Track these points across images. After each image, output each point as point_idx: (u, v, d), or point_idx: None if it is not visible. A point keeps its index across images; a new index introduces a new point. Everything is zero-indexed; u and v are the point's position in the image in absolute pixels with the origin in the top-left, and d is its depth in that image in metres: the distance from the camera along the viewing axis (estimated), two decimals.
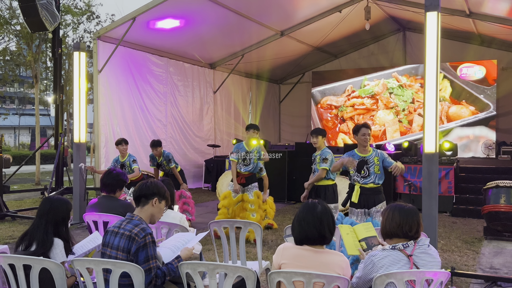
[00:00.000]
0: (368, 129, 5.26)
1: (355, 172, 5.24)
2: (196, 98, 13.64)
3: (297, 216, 2.71)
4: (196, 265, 2.71)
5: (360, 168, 5.23)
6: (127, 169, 7.78)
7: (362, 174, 5.22)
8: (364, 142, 5.23)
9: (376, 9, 12.82)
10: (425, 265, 2.66)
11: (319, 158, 6.28)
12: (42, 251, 3.00)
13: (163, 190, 3.11)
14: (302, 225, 2.65)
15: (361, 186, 5.19)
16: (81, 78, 8.14)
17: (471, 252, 6.34)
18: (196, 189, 12.97)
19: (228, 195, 7.05)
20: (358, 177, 5.23)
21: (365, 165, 5.22)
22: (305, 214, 2.68)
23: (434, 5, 4.85)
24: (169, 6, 10.00)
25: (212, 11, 10.77)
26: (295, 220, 2.72)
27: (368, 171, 5.21)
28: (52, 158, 21.95)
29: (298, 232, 2.66)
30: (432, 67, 5.16)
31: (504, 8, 10.52)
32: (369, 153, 5.28)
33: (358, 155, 5.27)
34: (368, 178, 5.19)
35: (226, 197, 7.04)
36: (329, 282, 2.52)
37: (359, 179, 5.23)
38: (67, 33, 18.77)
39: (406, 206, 2.82)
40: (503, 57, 14.12)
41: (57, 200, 3.21)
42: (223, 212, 6.99)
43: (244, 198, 7.03)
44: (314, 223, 2.64)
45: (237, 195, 7.00)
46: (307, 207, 2.70)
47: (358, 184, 5.21)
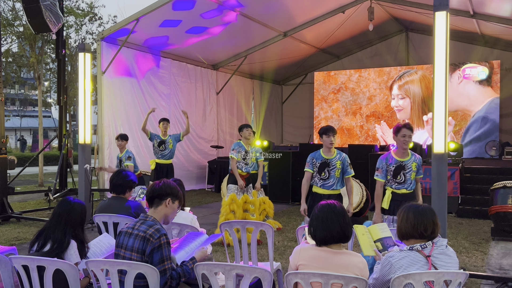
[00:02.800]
0: (410, 131, 4.82)
1: (391, 177, 4.84)
2: (199, 99, 13.63)
3: (318, 217, 2.69)
4: (212, 266, 2.69)
5: (396, 173, 4.81)
6: (123, 165, 7.88)
7: (398, 179, 4.81)
8: (404, 145, 4.80)
9: (380, 10, 12.81)
10: (444, 266, 2.64)
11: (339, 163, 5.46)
12: (58, 251, 2.99)
13: (176, 190, 3.09)
14: (327, 224, 2.63)
15: (392, 191, 4.84)
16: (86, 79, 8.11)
17: (479, 253, 6.31)
18: (200, 190, 12.96)
19: (234, 198, 6.87)
20: (393, 182, 4.84)
21: (402, 171, 4.81)
22: (327, 213, 2.67)
23: (443, 4, 4.81)
24: (171, 8, 10.00)
25: (216, 12, 10.76)
26: (315, 221, 2.70)
27: (404, 177, 4.81)
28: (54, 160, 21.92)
29: (323, 232, 2.64)
30: (441, 67, 5.13)
31: (508, 9, 10.50)
32: (408, 157, 4.84)
33: (395, 159, 4.84)
34: (403, 184, 4.82)
35: (234, 201, 6.83)
36: (347, 283, 2.49)
37: (393, 184, 4.84)
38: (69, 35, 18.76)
39: (421, 206, 2.80)
40: (507, 58, 14.10)
41: (77, 203, 3.22)
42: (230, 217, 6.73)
43: (246, 199, 6.96)
44: (338, 221, 2.65)
45: (242, 194, 6.92)
46: (327, 207, 2.70)
47: (390, 189, 4.85)
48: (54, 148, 26.22)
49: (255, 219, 6.88)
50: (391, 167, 4.84)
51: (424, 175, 9.97)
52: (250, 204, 6.99)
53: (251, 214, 6.96)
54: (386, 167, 4.87)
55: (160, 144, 8.73)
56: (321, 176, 5.40)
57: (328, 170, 5.36)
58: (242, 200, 6.91)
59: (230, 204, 6.82)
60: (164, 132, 8.76)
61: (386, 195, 4.85)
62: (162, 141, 8.72)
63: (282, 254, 6.12)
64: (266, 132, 16.70)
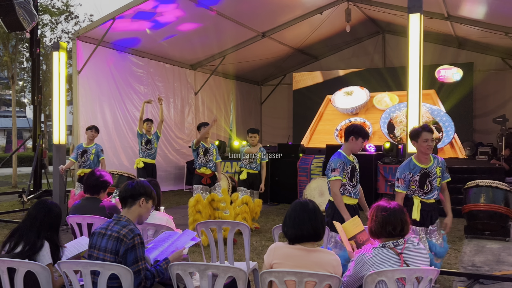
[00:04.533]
0: (431, 133, 4.22)
1: (417, 188, 4.25)
2: (177, 99, 13.55)
3: (290, 216, 2.71)
4: (187, 266, 2.68)
5: (422, 183, 4.23)
6: (89, 156, 7.80)
7: (425, 189, 4.25)
8: (427, 150, 4.20)
9: (357, 12, 12.95)
10: (415, 263, 2.69)
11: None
12: (29, 253, 2.93)
13: (149, 190, 3.08)
14: (298, 223, 2.65)
15: (421, 200, 4.26)
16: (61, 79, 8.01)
17: (452, 250, 6.43)
18: (178, 191, 12.88)
19: (199, 198, 6.83)
20: (420, 192, 4.27)
21: (427, 179, 4.24)
22: (298, 212, 2.69)
23: (417, 6, 4.91)
24: (149, 6, 9.92)
25: (193, 12, 10.72)
26: (288, 219, 2.71)
27: (431, 186, 4.25)
28: (28, 161, 21.51)
29: (294, 231, 2.66)
30: (415, 68, 5.23)
31: (482, 11, 10.74)
32: (431, 163, 4.28)
33: (419, 167, 4.26)
34: (430, 194, 4.26)
35: (199, 201, 6.81)
36: (321, 281, 2.51)
37: (420, 194, 4.27)
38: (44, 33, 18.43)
39: (389, 205, 2.84)
40: (480, 60, 14.41)
41: (53, 205, 3.18)
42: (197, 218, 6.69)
43: (214, 197, 6.94)
44: (309, 220, 2.65)
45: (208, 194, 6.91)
46: (300, 206, 2.72)
47: (418, 198, 4.26)
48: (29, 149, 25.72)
49: (229, 216, 6.87)
50: (416, 176, 4.24)
51: None
52: (220, 202, 6.96)
53: (223, 211, 6.93)
54: (409, 177, 4.25)
55: (147, 143, 8.86)
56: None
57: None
58: (207, 199, 6.88)
59: (195, 205, 6.81)
60: (148, 132, 8.93)
61: (415, 205, 4.23)
62: (148, 140, 8.85)
63: (260, 254, 6.12)
64: (245, 133, 16.66)
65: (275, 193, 10.84)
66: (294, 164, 10.73)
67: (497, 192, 6.91)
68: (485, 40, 12.62)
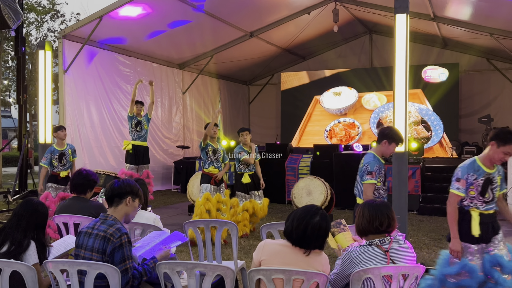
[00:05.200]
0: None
1: (477, 194, 3.69)
2: (165, 99, 13.49)
3: (296, 212, 2.72)
4: (174, 265, 2.67)
5: (484, 190, 3.69)
6: (68, 158, 7.32)
7: (485, 197, 3.70)
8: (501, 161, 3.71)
9: (344, 12, 13.01)
10: (401, 260, 2.72)
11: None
12: (15, 252, 2.91)
13: (136, 189, 3.08)
14: (294, 222, 2.65)
15: (480, 213, 3.69)
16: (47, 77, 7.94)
17: (438, 249, 6.47)
18: (166, 191, 12.83)
19: (209, 197, 6.69)
20: (479, 201, 3.70)
21: (489, 185, 3.71)
22: (302, 215, 2.67)
23: (403, 7, 4.95)
24: (136, 5, 9.87)
25: (181, 11, 10.68)
26: (292, 213, 2.73)
27: (492, 194, 3.73)
28: (13, 161, 21.25)
29: (288, 226, 2.68)
30: (401, 68, 5.28)
31: (467, 12, 10.88)
32: (494, 169, 3.77)
33: (484, 171, 3.72)
34: (491, 204, 3.73)
35: (209, 200, 6.65)
36: (308, 279, 2.53)
37: (479, 205, 3.70)
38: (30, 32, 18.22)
39: (376, 202, 2.88)
40: (465, 60, 14.57)
41: (40, 204, 3.16)
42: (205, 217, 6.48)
43: (219, 198, 6.88)
44: (305, 228, 2.62)
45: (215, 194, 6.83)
46: (307, 210, 2.70)
47: (477, 210, 3.69)
48: (14, 149, 25.42)
49: (225, 218, 6.77)
50: (479, 180, 3.69)
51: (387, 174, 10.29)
52: (222, 203, 6.91)
53: (222, 213, 6.88)
54: (472, 179, 3.70)
55: (137, 124, 8.80)
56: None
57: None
58: (215, 199, 6.79)
59: (205, 204, 6.63)
60: (138, 115, 8.87)
61: (474, 219, 3.67)
62: (138, 122, 8.80)
63: (248, 253, 6.13)
64: (234, 132, 16.68)
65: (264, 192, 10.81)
66: (282, 164, 10.75)
67: None
68: (470, 41, 12.77)
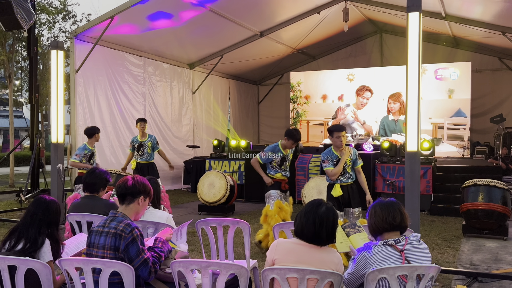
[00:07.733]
0: None
1: None
2: (175, 99, 13.53)
3: (302, 210, 2.74)
4: (188, 263, 2.68)
5: None
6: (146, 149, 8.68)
7: None
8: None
9: (354, 11, 12.96)
10: (417, 260, 2.69)
11: None
12: (30, 250, 2.92)
13: (148, 188, 3.14)
14: (302, 219, 2.66)
15: None
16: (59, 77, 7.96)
17: (450, 249, 6.45)
18: (175, 190, 12.86)
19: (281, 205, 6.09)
20: None
21: None
22: (308, 209, 2.70)
23: (416, 5, 4.91)
24: (147, 5, 9.90)
25: (191, 11, 10.71)
26: (299, 212, 2.75)
27: None
28: (25, 160, 21.43)
29: (297, 224, 2.69)
30: (414, 67, 5.23)
31: (478, 11, 10.77)
32: None
33: None
34: None
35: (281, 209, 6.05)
36: (322, 278, 2.52)
37: None
38: (41, 32, 18.36)
39: (386, 200, 2.86)
40: (477, 59, 14.44)
41: (52, 201, 3.17)
42: None
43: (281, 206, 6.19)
44: (314, 221, 2.65)
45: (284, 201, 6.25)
46: (311, 204, 2.74)
47: None
48: (26, 148, 25.63)
49: None
50: None
51: (398, 173, 10.24)
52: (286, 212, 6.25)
53: None
54: None
55: (139, 147, 8.74)
56: None
57: None
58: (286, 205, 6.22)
59: (279, 213, 6.04)
60: (143, 133, 8.73)
61: None
62: (140, 145, 8.71)
63: (259, 253, 6.12)
64: (243, 132, 16.72)
65: None
66: (292, 163, 10.70)
67: (495, 191, 6.93)
68: (482, 40, 12.65)
